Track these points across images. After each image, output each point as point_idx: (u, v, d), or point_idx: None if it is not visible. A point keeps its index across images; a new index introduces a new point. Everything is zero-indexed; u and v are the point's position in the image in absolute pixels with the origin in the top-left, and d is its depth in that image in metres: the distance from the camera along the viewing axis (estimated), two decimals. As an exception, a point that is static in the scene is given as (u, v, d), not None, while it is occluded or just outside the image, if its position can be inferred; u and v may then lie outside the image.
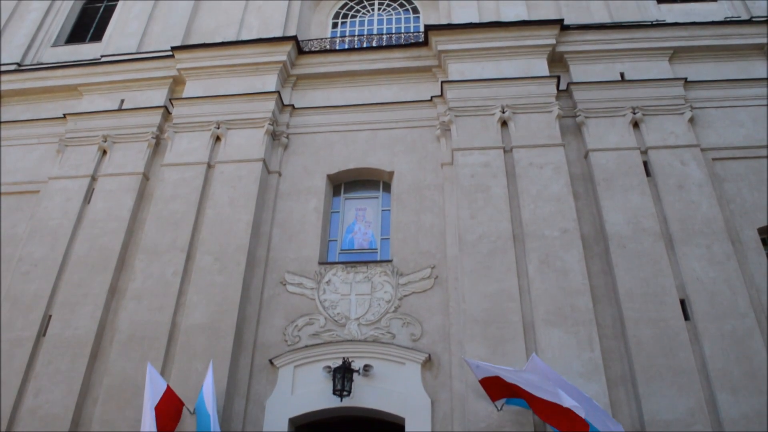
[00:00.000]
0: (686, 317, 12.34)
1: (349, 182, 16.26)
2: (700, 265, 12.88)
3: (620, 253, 13.16)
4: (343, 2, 21.79)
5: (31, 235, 15.22)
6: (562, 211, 13.78)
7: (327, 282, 14.00)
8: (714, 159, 14.77)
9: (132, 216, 15.36)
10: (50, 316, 13.91)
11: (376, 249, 15.04)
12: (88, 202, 15.79)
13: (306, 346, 13.09)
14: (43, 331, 13.71)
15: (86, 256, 14.66)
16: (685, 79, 15.92)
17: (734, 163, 14.71)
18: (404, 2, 21.45)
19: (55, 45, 20.58)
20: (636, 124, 15.29)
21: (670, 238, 13.38)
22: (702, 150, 14.75)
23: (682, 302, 12.51)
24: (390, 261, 14.14)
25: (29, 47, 20.34)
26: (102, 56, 19.20)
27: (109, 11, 21.70)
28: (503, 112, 15.46)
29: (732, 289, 12.49)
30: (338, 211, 15.80)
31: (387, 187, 15.93)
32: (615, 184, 14.22)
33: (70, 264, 14.63)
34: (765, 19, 17.06)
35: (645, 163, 14.63)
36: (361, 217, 15.59)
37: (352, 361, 12.49)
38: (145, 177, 16.14)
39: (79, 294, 14.03)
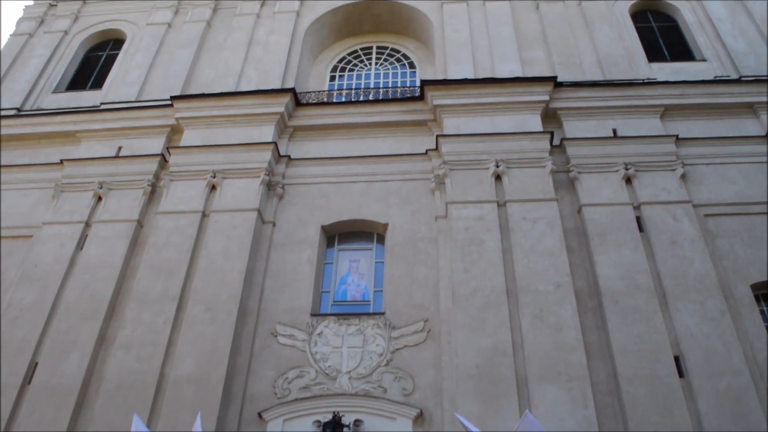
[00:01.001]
0: (681, 374, 12.24)
1: (344, 233, 16.28)
2: (694, 321, 12.83)
3: (614, 309, 13.12)
4: (342, 56, 22.29)
5: (21, 281, 15.10)
6: (556, 266, 13.78)
7: (319, 334, 13.87)
8: (706, 215, 14.87)
9: (124, 263, 15.28)
10: (36, 363, 13.68)
11: (369, 301, 14.96)
12: (81, 248, 15.72)
13: (296, 399, 12.88)
14: (28, 379, 13.47)
15: (76, 302, 14.53)
16: (677, 136, 16.16)
17: (726, 219, 14.81)
18: (401, 57, 21.95)
19: (55, 91, 20.84)
20: (629, 180, 15.44)
21: (663, 294, 13.36)
22: (694, 206, 14.87)
23: (677, 359, 12.43)
24: (383, 314, 14.05)
25: (30, 93, 20.58)
26: (102, 103, 19.45)
27: (111, 60, 22.06)
28: (497, 167, 15.61)
29: (726, 345, 12.41)
30: (332, 263, 15.77)
31: (381, 239, 15.94)
32: (608, 239, 14.27)
33: (60, 310, 14.48)
34: (754, 78, 17.46)
35: (638, 219, 14.72)
36: (354, 269, 15.55)
37: (343, 415, 12.28)
38: (140, 224, 16.14)
39: (67, 341, 13.85)
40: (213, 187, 16.39)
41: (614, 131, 16.67)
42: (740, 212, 14.90)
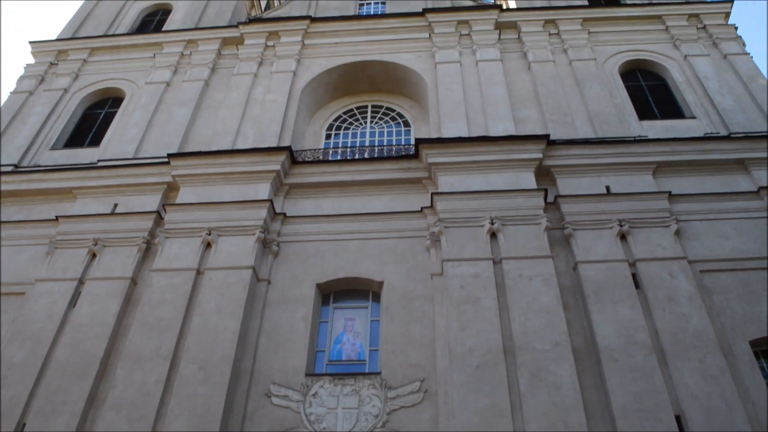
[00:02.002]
0: (683, 434, 12.00)
1: (339, 291, 16.19)
2: (694, 379, 12.69)
3: (613, 367, 12.99)
4: (337, 115, 22.65)
5: (12, 338, 14.89)
6: (553, 324, 13.69)
7: (313, 394, 13.63)
8: (702, 271, 14.88)
9: (117, 321, 15.11)
10: (24, 424, 13.37)
11: (365, 360, 14.78)
12: (74, 306, 15.57)
13: (290, 463, 12.56)
14: (16, 441, 13.12)
15: (67, 361, 14.30)
16: (669, 192, 16.31)
17: (722, 275, 14.82)
18: (396, 116, 22.31)
19: (53, 148, 20.98)
20: (623, 237, 15.49)
21: (662, 352, 13.25)
22: (689, 262, 14.89)
23: (678, 418, 12.25)
24: (378, 373, 13.86)
25: (28, 149, 20.71)
26: (99, 161, 19.60)
27: (110, 117, 22.31)
28: (492, 224, 15.67)
29: (728, 404, 12.25)
30: (327, 321, 15.64)
31: (376, 297, 15.85)
32: (605, 297, 14.23)
33: (50, 369, 14.25)
34: (743, 135, 17.76)
35: (634, 275, 14.70)
36: (349, 327, 15.41)
37: (338, 480, 11.96)
38: (133, 282, 16.03)
39: (57, 401, 13.57)
40: (208, 245, 16.37)
41: (607, 188, 16.81)
42: (736, 268, 14.92)
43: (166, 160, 18.54)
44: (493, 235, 15.67)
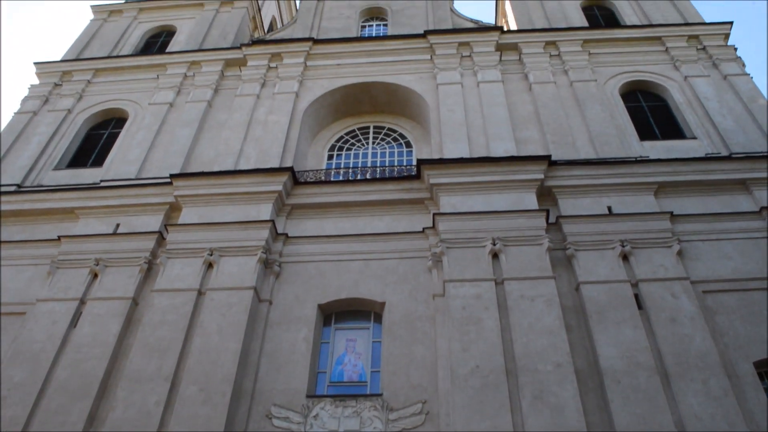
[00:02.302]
0: (687, 457, 11.91)
1: (340, 312, 16.15)
2: (698, 401, 12.60)
3: (615, 389, 12.90)
4: (339, 135, 22.76)
5: (12, 358, 14.84)
6: (555, 345, 13.63)
7: (314, 416, 13.54)
8: (704, 291, 14.85)
9: (118, 342, 15.07)
10: (24, 444, 13.26)
11: (366, 382, 14.69)
12: (75, 326, 15.53)
13: (290, 486, 12.44)
14: (15, 462, 13.04)
15: (67, 381, 14.24)
16: (671, 212, 16.32)
17: (725, 295, 14.78)
18: (398, 137, 22.41)
19: (56, 168, 21.07)
20: (625, 257, 15.48)
21: (665, 373, 13.17)
22: (692, 282, 14.86)
23: (682, 441, 12.11)
24: (380, 395, 13.78)
25: (31, 170, 20.80)
26: (101, 181, 19.67)
27: (113, 138, 22.43)
28: (494, 245, 15.67)
29: (732, 426, 12.17)
30: (328, 342, 15.57)
31: (378, 318, 15.80)
32: (607, 317, 14.18)
33: (50, 389, 14.17)
34: (744, 155, 17.80)
35: (636, 296, 14.66)
36: (351, 348, 15.34)
37: (339, 503, 11.84)
38: (135, 302, 16.01)
39: (57, 422, 13.50)
40: (210, 265, 16.36)
41: (609, 209, 16.83)
42: (738, 288, 14.89)
43: (168, 180, 18.62)
44: (495, 255, 15.66)
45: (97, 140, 22.62)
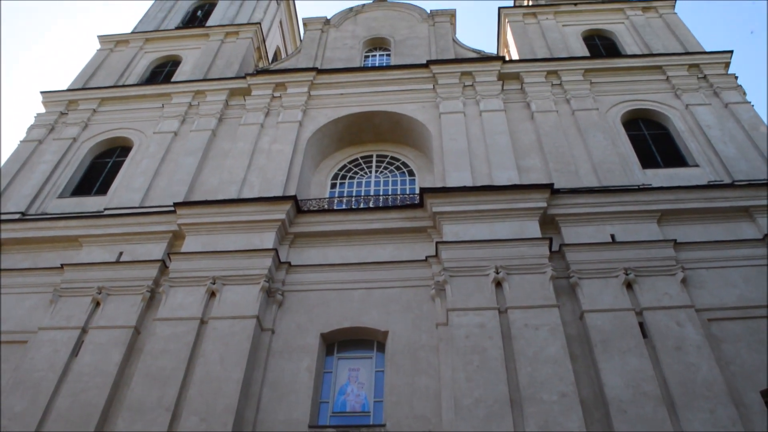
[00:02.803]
0: (695, 490, 11.74)
1: (343, 341, 16.03)
2: (705, 430, 12.41)
3: (622, 419, 12.75)
4: (342, 164, 22.87)
5: (13, 388, 14.73)
6: (560, 374, 13.50)
7: (317, 447, 13.38)
8: (710, 320, 14.72)
9: (119, 371, 14.96)
10: (22, 477, 13.15)
11: (369, 412, 14.52)
12: (76, 355, 15.44)
13: None
14: (12, 495, 12.89)
15: (68, 411, 14.11)
16: (675, 240, 16.29)
17: (730, 323, 14.66)
18: (400, 165, 22.51)
19: (61, 196, 21.15)
20: (629, 285, 15.40)
21: (671, 402, 13.01)
22: (697, 311, 14.75)
23: (690, 472, 11.96)
24: (383, 425, 13.63)
25: (35, 198, 20.88)
26: (105, 209, 19.73)
27: (118, 166, 22.56)
28: (497, 273, 15.62)
29: (741, 458, 11.98)
30: (331, 371, 15.42)
31: (381, 347, 15.68)
32: (612, 346, 14.07)
33: (50, 420, 14.02)
34: (747, 183, 17.82)
35: (641, 324, 14.55)
36: (354, 378, 15.21)
37: None
38: (137, 331, 15.93)
39: (57, 453, 13.35)
40: (212, 294, 16.30)
41: (612, 236, 16.80)
42: (744, 316, 14.76)
43: (172, 208, 18.65)
44: (498, 284, 15.59)
45: (101, 168, 22.75)
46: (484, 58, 24.59)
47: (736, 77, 22.89)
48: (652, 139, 21.30)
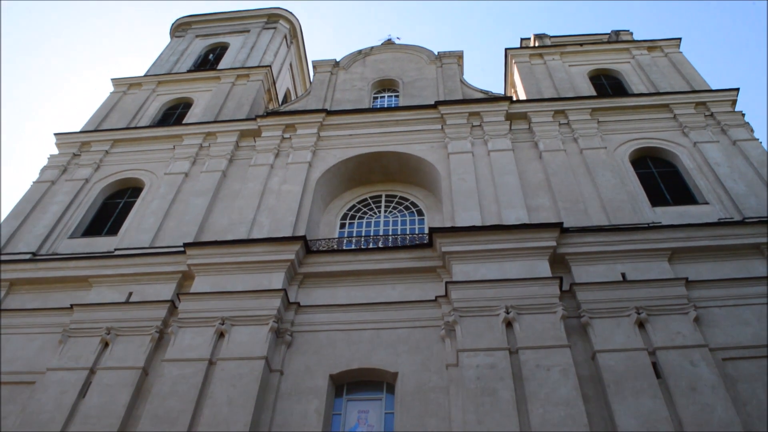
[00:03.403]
0: None
1: (352, 382, 15.84)
2: (722, 474, 12.15)
3: (637, 462, 12.48)
4: (352, 204, 22.95)
5: (20, 429, 14.62)
6: (573, 416, 13.26)
7: (326, 491, 13.13)
8: (724, 359, 14.49)
9: (127, 412, 14.83)
10: None
11: (379, 456, 14.30)
12: (84, 396, 15.34)
13: None
14: None
15: (75, 454, 13.98)
16: (686, 278, 16.15)
17: (745, 362, 14.41)
18: (410, 205, 22.58)
19: (72, 236, 21.30)
20: (641, 324, 15.22)
21: (687, 445, 12.72)
22: (711, 350, 14.53)
23: None
24: (393, 468, 13.38)
25: (47, 238, 21.03)
26: (116, 249, 19.82)
27: (129, 206, 22.76)
28: (508, 313, 15.50)
29: (760, 504, 11.67)
30: (340, 413, 15.22)
31: (391, 389, 15.48)
32: (625, 387, 13.84)
33: (58, 461, 13.87)
34: (757, 220, 17.71)
35: (654, 364, 14.33)
36: (363, 420, 14.99)
37: None
38: (145, 372, 15.84)
39: (64, 496, 13.19)
40: (221, 334, 16.24)
41: (623, 275, 16.68)
42: (759, 355, 14.49)
43: (182, 249, 18.73)
44: (509, 324, 15.44)
45: (112, 209, 22.94)
46: (491, 99, 24.84)
47: (743, 114, 22.98)
48: (660, 176, 21.31)
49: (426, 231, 20.68)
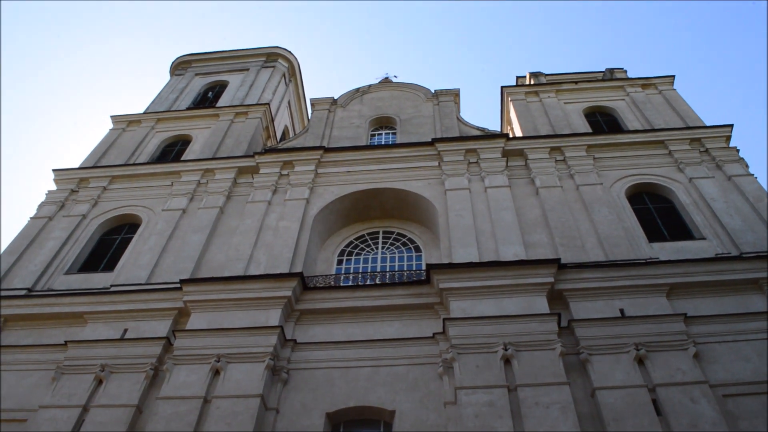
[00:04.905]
0: None
1: (349, 421, 15.62)
2: None
3: (638, 502, 12.25)
4: (349, 240, 22.95)
5: (11, 469, 14.40)
6: (573, 455, 13.06)
7: None
8: (724, 395, 14.33)
9: (119, 452, 14.58)
10: None
11: (376, 497, 14.03)
12: (76, 435, 15.06)
13: None
14: None
15: (66, 494, 13.71)
16: (685, 314, 16.09)
17: (746, 399, 14.25)
18: (407, 242, 22.57)
19: (68, 272, 21.22)
20: (641, 361, 15.09)
21: (689, 484, 12.53)
22: (711, 386, 14.38)
23: None
24: None
25: (43, 274, 20.95)
26: (111, 285, 19.74)
27: (126, 242, 22.73)
28: (506, 350, 15.37)
29: None
30: (336, 453, 15.00)
31: (388, 427, 15.25)
32: (625, 424, 13.65)
33: (47, 502, 13.62)
34: (755, 255, 17.71)
35: (654, 401, 14.16)
36: (360, 460, 14.76)
37: None
38: (139, 410, 15.59)
39: None
40: (216, 372, 16.05)
41: (621, 311, 16.60)
42: (760, 392, 14.32)
43: (178, 285, 18.65)
44: (507, 361, 15.29)
45: (109, 245, 22.90)
46: (488, 136, 25.07)
47: (738, 150, 23.19)
48: (657, 212, 21.40)
49: (423, 267, 20.66)
